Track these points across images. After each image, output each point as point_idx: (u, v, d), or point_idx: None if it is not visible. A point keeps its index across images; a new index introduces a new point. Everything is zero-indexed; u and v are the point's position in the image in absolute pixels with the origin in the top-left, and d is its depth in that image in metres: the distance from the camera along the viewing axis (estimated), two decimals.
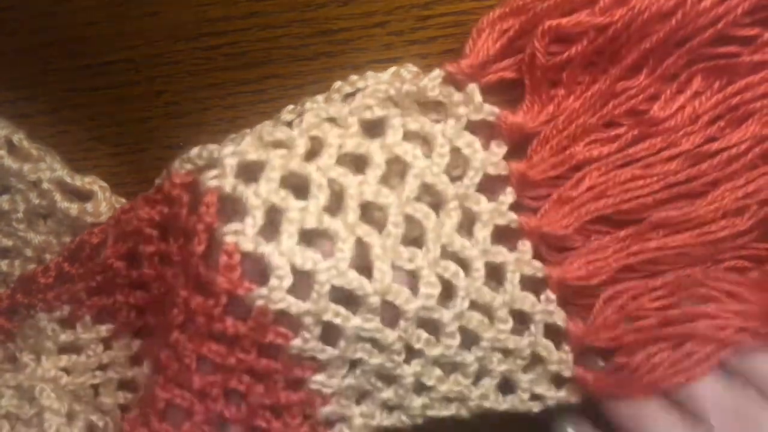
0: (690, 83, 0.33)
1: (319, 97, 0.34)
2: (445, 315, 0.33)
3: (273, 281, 0.30)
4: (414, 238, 0.33)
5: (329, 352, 0.32)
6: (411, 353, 0.33)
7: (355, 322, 0.31)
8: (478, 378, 0.35)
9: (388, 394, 0.34)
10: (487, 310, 0.34)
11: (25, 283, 0.37)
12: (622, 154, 0.33)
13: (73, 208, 0.36)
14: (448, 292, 0.33)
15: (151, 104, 0.36)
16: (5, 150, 0.36)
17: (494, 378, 0.34)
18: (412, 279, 0.32)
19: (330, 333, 0.32)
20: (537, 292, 0.34)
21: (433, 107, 0.34)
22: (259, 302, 0.30)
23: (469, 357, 0.34)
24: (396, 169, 0.33)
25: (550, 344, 0.34)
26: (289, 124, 0.35)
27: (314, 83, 0.35)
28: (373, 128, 0.33)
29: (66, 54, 0.35)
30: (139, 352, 0.37)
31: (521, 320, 0.34)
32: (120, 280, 0.36)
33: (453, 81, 0.33)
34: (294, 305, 0.30)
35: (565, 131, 0.33)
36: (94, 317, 0.37)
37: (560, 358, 0.34)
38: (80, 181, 0.36)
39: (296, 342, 0.31)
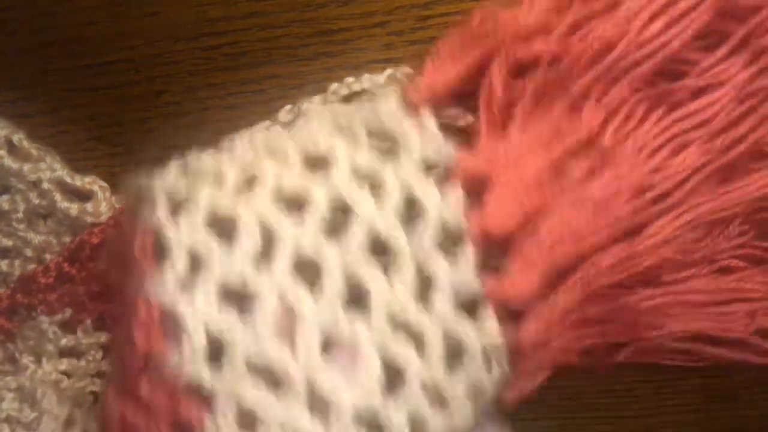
0: (635, 113, 0.32)
1: (317, 98, 0.34)
2: (394, 416, 0.26)
3: (185, 345, 0.26)
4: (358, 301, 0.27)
5: None
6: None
7: (277, 411, 0.26)
8: None
9: None
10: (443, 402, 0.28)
11: (25, 283, 0.37)
12: (573, 196, 0.31)
13: (73, 208, 0.36)
14: (395, 377, 0.27)
15: (151, 104, 0.36)
16: (5, 150, 0.36)
17: None
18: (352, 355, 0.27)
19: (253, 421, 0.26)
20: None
21: (381, 138, 0.30)
22: (171, 368, 0.26)
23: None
24: (340, 216, 0.28)
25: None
26: (287, 125, 0.35)
27: (314, 83, 0.35)
28: (318, 161, 0.29)
29: (66, 54, 0.35)
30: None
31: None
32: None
33: (408, 106, 0.30)
34: (206, 379, 0.26)
35: (518, 176, 0.31)
36: (95, 322, 0.37)
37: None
38: (80, 181, 0.36)
39: (209, 424, 0.26)
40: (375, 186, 0.28)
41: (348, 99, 0.34)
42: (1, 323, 0.38)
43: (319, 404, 0.26)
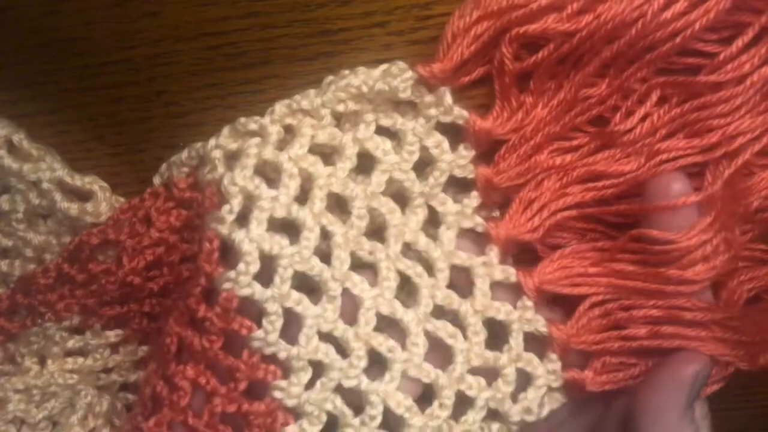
0: (649, 96, 0.33)
1: (311, 92, 0.34)
2: (407, 315, 0.32)
3: (240, 266, 0.31)
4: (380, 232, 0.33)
5: (290, 350, 0.32)
6: (376, 365, 0.32)
7: (315, 310, 0.32)
8: (459, 411, 0.33)
9: (354, 424, 0.32)
10: (455, 318, 0.33)
11: (25, 283, 0.37)
12: (582, 162, 0.33)
13: (73, 208, 0.36)
14: (411, 293, 0.33)
15: (151, 104, 0.36)
16: (5, 150, 0.36)
17: (478, 411, 0.33)
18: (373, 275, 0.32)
19: (292, 333, 0.32)
20: (512, 301, 0.33)
21: (406, 106, 0.34)
22: (226, 285, 0.31)
23: (442, 378, 0.32)
24: (366, 163, 0.33)
25: (533, 357, 0.33)
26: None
27: (314, 83, 0.35)
28: (345, 122, 0.34)
29: (66, 54, 0.35)
30: (145, 358, 0.38)
31: (496, 334, 0.33)
32: (136, 294, 0.36)
33: (425, 83, 0.33)
34: (258, 290, 0.31)
35: (531, 140, 0.33)
36: (104, 324, 0.37)
37: (548, 370, 0.33)
38: (80, 181, 0.36)
39: (258, 333, 0.32)
40: (396, 140, 0.34)
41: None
42: (2, 324, 0.38)
43: (349, 309, 0.32)
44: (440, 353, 0.33)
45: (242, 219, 0.32)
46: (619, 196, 0.34)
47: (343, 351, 0.32)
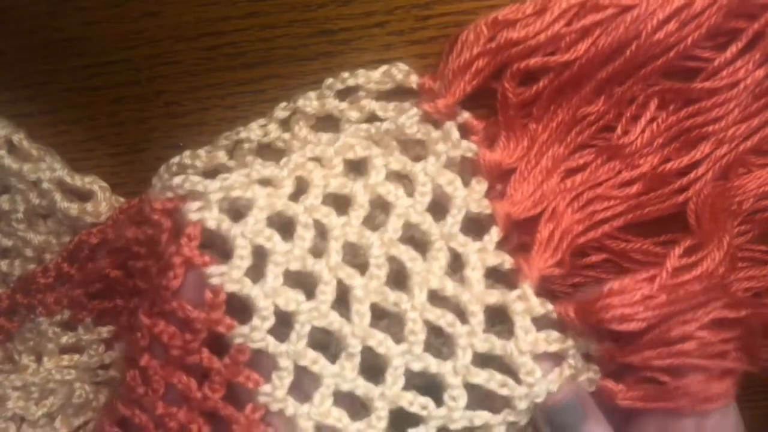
0: (647, 106, 0.33)
1: (312, 93, 0.34)
2: (444, 368, 0.31)
3: (255, 321, 0.30)
4: (402, 282, 0.32)
5: (299, 408, 0.30)
6: (403, 423, 0.31)
7: (333, 369, 0.30)
8: None
9: None
10: (502, 363, 0.32)
11: (25, 283, 0.37)
12: (587, 181, 0.34)
13: (73, 208, 0.36)
14: (443, 343, 0.32)
15: (151, 104, 0.36)
16: (5, 150, 0.36)
17: None
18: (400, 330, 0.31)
19: (302, 387, 0.31)
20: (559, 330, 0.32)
21: (413, 144, 0.34)
22: (239, 340, 0.30)
23: (496, 418, 0.31)
24: (379, 210, 0.33)
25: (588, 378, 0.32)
26: (283, 122, 0.35)
27: (314, 83, 0.35)
28: (356, 168, 0.33)
29: (66, 54, 0.35)
30: None
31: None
32: (119, 287, 0.36)
33: (430, 118, 0.33)
34: (272, 344, 0.30)
35: (538, 165, 0.34)
36: (96, 319, 0.37)
37: (589, 379, 0.32)
38: (80, 181, 0.36)
39: (266, 388, 0.30)
40: (408, 182, 0.33)
41: (343, 94, 0.35)
42: (1, 323, 0.38)
43: (370, 363, 0.31)
44: (487, 402, 0.32)
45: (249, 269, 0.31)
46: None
47: (363, 408, 0.31)
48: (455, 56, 0.33)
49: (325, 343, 0.32)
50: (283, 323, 0.31)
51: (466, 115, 0.34)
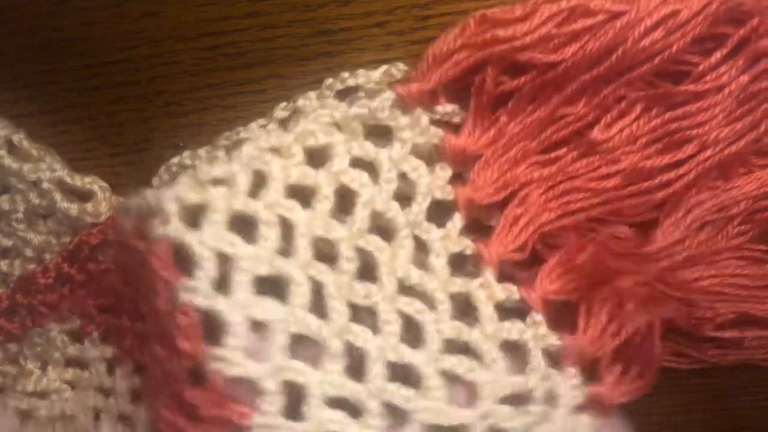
0: (631, 109, 0.33)
1: (312, 94, 0.34)
2: (417, 357, 0.30)
3: (229, 339, 0.27)
4: (369, 272, 0.31)
5: (295, 428, 0.28)
6: (396, 417, 0.29)
7: (317, 376, 0.28)
8: None
9: None
10: (470, 349, 0.31)
11: (25, 283, 0.37)
12: (561, 173, 0.33)
13: (73, 208, 0.36)
14: (416, 333, 0.31)
15: (151, 104, 0.36)
16: (5, 150, 0.36)
17: None
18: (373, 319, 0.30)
19: (295, 407, 0.28)
20: (521, 318, 0.32)
21: (377, 130, 0.33)
22: (214, 366, 0.27)
23: (467, 414, 0.30)
24: (344, 199, 0.31)
25: (555, 373, 0.31)
26: (283, 122, 0.35)
27: (314, 83, 0.35)
28: (318, 156, 0.31)
29: (66, 54, 0.35)
30: (139, 390, 0.36)
31: (511, 354, 0.31)
32: (127, 304, 0.35)
33: (400, 104, 0.33)
34: (251, 368, 0.27)
35: (505, 155, 0.33)
36: (102, 335, 0.37)
37: (572, 386, 0.31)
38: (80, 181, 0.36)
39: (258, 420, 0.27)
40: (372, 170, 0.32)
41: (343, 94, 0.35)
42: (1, 324, 0.38)
43: (354, 362, 0.29)
44: (464, 389, 0.30)
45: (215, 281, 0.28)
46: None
47: (355, 411, 0.29)
48: (437, 44, 0.33)
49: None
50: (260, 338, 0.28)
51: (450, 108, 0.33)
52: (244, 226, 0.29)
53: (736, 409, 0.37)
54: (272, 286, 0.29)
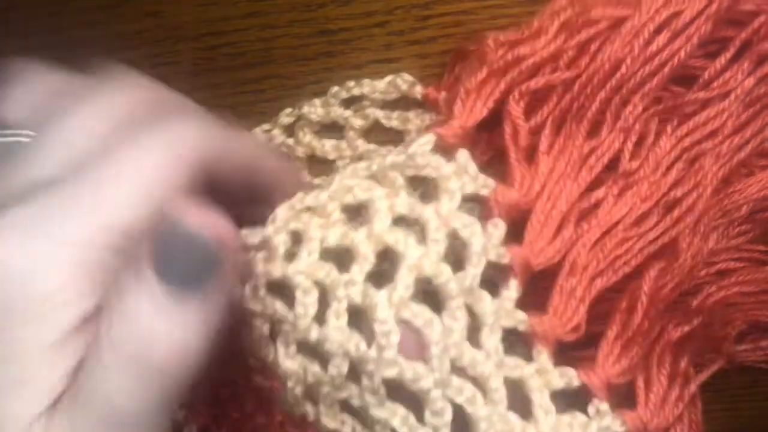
0: (648, 128, 0.32)
1: (317, 101, 0.34)
2: None
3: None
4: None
5: None
6: None
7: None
8: None
9: None
10: None
11: None
12: (604, 221, 0.31)
13: None
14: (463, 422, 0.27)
15: None
16: None
17: None
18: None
19: None
20: (578, 406, 0.28)
21: (419, 180, 0.29)
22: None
23: None
24: (388, 262, 0.28)
25: None
26: (287, 129, 0.35)
27: (314, 83, 0.35)
28: (358, 213, 0.28)
29: (66, 54, 0.35)
30: None
31: None
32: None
33: (440, 147, 0.29)
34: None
35: (555, 207, 0.31)
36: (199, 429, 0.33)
37: None
38: None
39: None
40: (418, 230, 0.28)
41: (348, 102, 0.34)
42: None
43: None
44: None
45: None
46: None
47: None
48: (465, 80, 0.31)
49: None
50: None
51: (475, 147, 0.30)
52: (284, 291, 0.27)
53: (736, 409, 0.37)
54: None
